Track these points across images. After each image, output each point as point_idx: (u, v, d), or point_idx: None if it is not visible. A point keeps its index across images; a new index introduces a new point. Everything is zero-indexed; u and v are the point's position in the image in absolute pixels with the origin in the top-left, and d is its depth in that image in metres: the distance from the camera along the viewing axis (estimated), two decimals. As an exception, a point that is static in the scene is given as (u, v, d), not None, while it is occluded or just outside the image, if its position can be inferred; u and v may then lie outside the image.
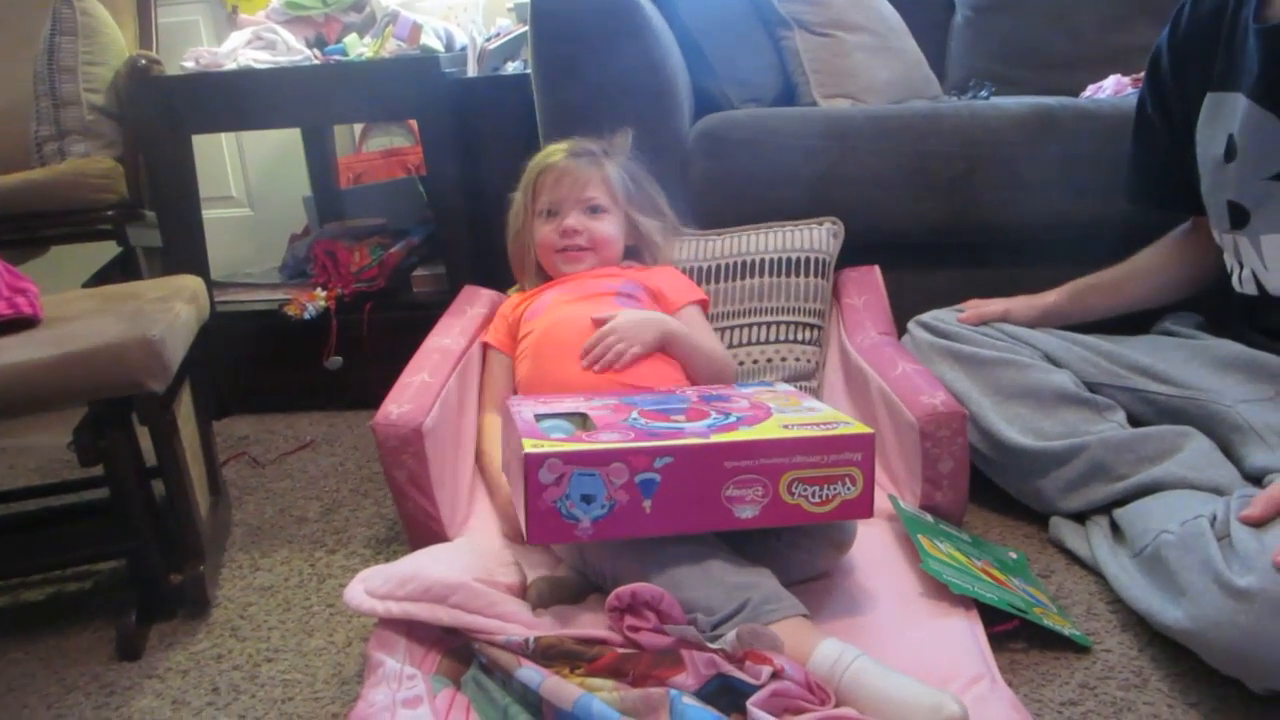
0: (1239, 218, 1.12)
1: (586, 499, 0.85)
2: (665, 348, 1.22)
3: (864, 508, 0.91)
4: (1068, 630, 0.95)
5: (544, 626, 0.89)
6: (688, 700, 0.75)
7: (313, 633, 1.08)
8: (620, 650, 0.84)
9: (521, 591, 0.97)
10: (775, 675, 0.77)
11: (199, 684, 1.00)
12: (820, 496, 0.90)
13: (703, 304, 1.35)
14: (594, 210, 1.34)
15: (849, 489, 0.90)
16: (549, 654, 0.84)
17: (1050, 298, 1.31)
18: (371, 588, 0.91)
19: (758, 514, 0.89)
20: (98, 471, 1.10)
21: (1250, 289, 1.14)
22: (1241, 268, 1.15)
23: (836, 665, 0.79)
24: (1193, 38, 1.17)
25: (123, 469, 1.09)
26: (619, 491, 0.86)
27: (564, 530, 0.86)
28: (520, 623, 0.89)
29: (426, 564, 0.94)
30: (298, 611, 1.13)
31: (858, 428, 0.92)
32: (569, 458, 0.85)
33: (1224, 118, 1.12)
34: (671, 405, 1.00)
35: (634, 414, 0.96)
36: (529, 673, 0.81)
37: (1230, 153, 1.11)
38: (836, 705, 0.77)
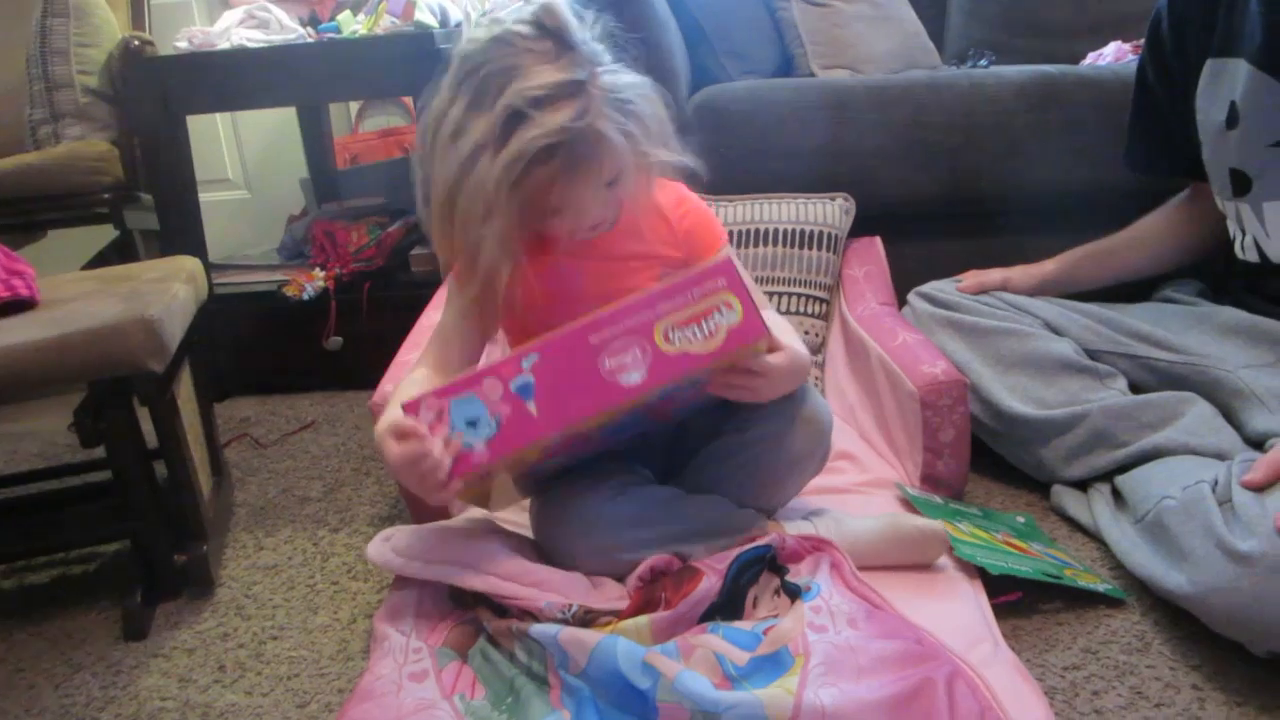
0: (1241, 185, 1.11)
1: (472, 424, 0.84)
2: None
3: (753, 328, 0.85)
4: (1101, 587, 0.96)
5: (579, 593, 0.89)
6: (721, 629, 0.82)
7: (317, 610, 1.08)
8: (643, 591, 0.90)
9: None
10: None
11: (205, 662, 1.00)
12: (703, 333, 0.85)
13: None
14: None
15: (729, 315, 0.85)
16: (587, 619, 0.86)
17: (1049, 266, 1.30)
18: (399, 546, 0.91)
19: (646, 375, 0.84)
20: (100, 454, 1.11)
21: (1252, 256, 1.13)
22: (1244, 235, 1.14)
23: (817, 529, 0.93)
24: (1193, 3, 1.15)
25: (124, 450, 1.09)
26: (500, 405, 0.84)
27: (466, 462, 0.84)
28: (556, 590, 0.89)
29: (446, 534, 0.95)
30: (302, 589, 1.13)
31: (710, 261, 0.90)
32: (440, 391, 0.85)
33: (1225, 84, 1.11)
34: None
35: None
36: (543, 628, 0.82)
37: (1232, 120, 1.10)
38: None
